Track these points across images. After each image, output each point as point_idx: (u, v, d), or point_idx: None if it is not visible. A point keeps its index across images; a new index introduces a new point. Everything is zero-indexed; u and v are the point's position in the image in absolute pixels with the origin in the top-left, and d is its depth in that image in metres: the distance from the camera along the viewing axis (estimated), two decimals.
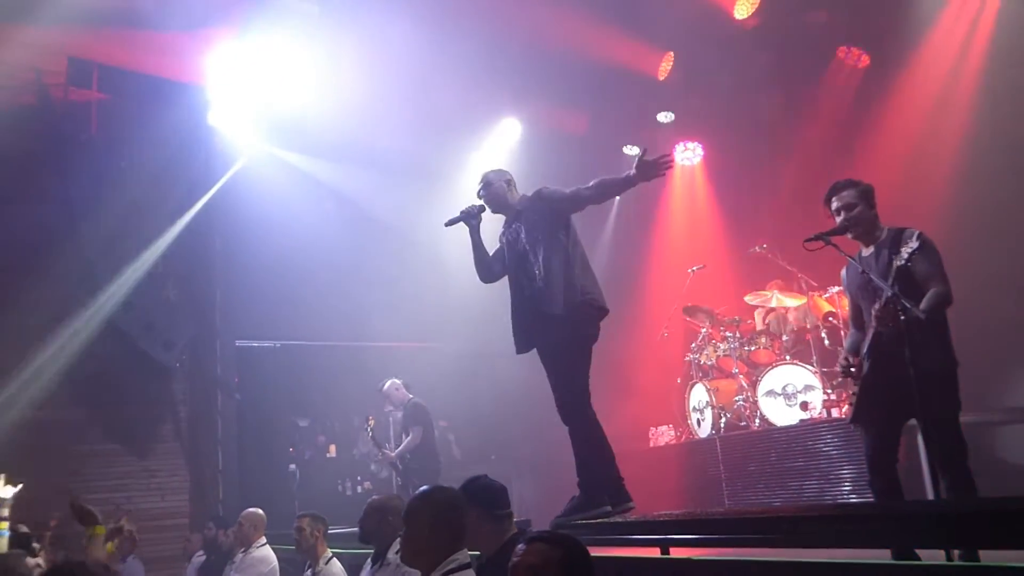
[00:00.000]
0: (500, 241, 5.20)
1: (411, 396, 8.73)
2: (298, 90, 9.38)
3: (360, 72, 9.27)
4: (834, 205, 4.51)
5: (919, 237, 3.94)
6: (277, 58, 9.20)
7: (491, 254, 5.23)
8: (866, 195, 4.45)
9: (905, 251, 3.93)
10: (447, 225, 5.18)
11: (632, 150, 11.64)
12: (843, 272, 4.68)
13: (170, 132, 9.31)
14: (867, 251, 4.47)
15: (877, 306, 4.04)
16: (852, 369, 4.36)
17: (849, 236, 4.50)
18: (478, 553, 3.50)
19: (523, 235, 4.92)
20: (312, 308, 10.36)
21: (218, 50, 9.15)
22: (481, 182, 5.19)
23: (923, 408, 3.90)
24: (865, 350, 4.24)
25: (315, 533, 5.47)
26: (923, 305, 4.00)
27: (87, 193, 9.03)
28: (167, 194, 9.57)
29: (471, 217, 5.12)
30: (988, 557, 2.98)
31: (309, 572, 5.41)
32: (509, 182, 5.17)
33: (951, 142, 7.99)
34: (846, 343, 4.70)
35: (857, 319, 4.60)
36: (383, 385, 8.79)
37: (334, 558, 5.41)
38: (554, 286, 4.63)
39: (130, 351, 9.22)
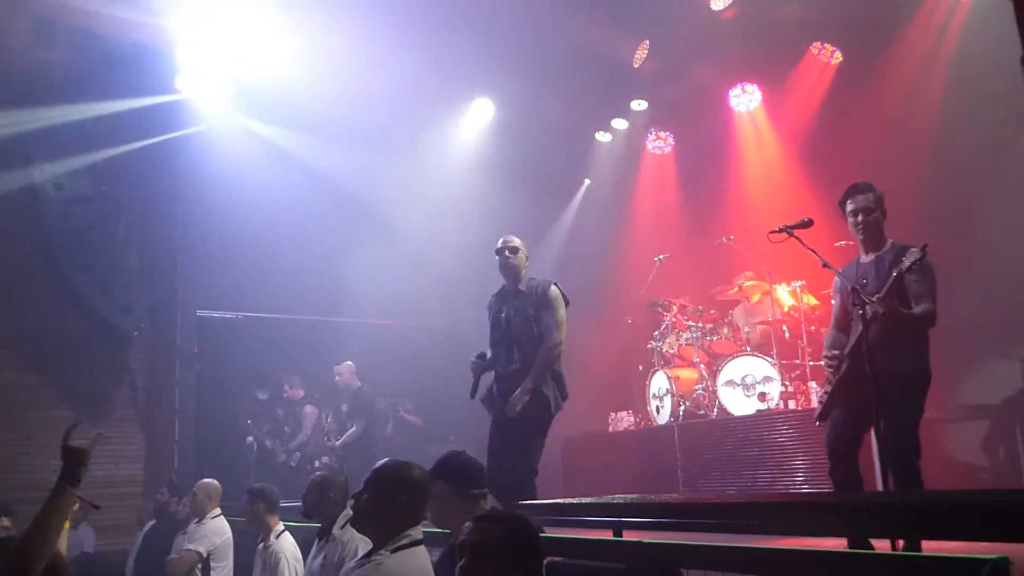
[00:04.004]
0: (488, 307, 5.70)
1: (359, 383, 9.11)
2: (270, 60, 9.23)
3: (334, 45, 9.15)
4: (850, 207, 4.56)
5: (923, 250, 4.04)
6: (250, 27, 9.04)
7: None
8: (881, 201, 4.52)
9: (907, 260, 4.04)
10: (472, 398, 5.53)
11: (605, 137, 11.69)
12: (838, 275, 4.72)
13: (136, 97, 9.14)
14: (866, 258, 4.56)
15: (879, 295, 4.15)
16: (836, 365, 4.46)
17: (859, 238, 4.59)
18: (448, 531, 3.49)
19: (512, 319, 5.41)
20: (276, 281, 10.27)
21: (189, 14, 8.97)
22: (509, 245, 5.50)
23: (887, 406, 4.05)
24: (848, 351, 4.39)
25: (264, 508, 5.44)
26: (914, 310, 4.19)
27: (48, 154, 8.84)
28: (130, 158, 9.40)
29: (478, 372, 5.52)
30: (928, 548, 3.06)
31: (261, 546, 5.38)
32: (519, 252, 5.52)
33: (918, 141, 8.09)
34: (827, 341, 4.77)
35: (841, 321, 4.70)
36: (342, 364, 9.19)
37: (286, 531, 5.38)
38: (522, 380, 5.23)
39: (87, 316, 9.09)
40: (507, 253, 5.50)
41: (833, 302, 4.88)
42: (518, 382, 5.26)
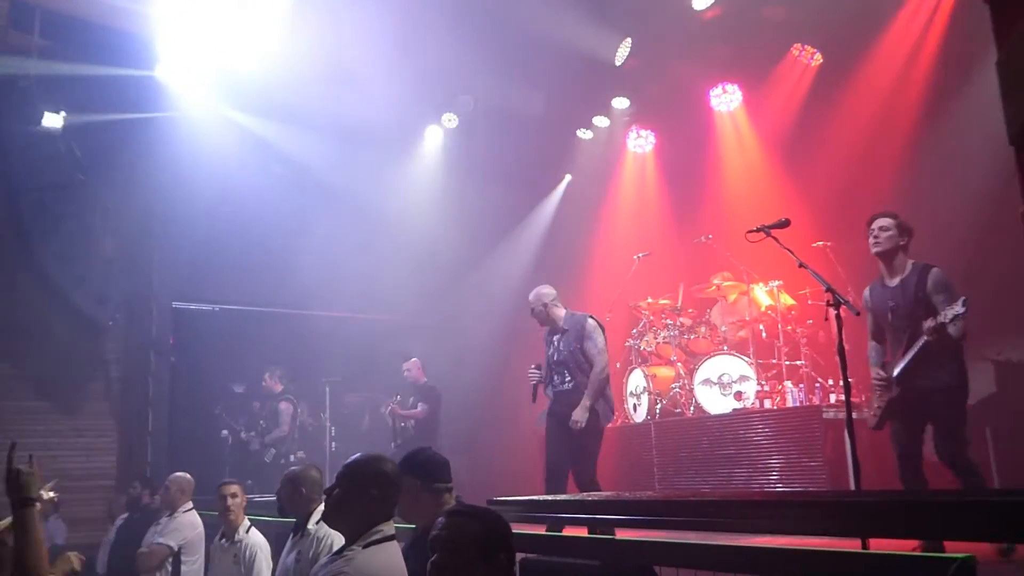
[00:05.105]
0: (545, 339, 6.72)
1: (426, 379, 9.24)
2: (252, 50, 9.14)
3: (316, 37, 9.09)
4: (872, 225, 5.04)
5: (964, 303, 4.51)
6: (231, 16, 8.96)
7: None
8: (901, 227, 4.98)
9: (950, 312, 4.53)
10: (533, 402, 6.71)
11: (586, 134, 11.71)
12: (866, 292, 5.25)
13: (114, 84, 9.02)
14: (891, 281, 5.01)
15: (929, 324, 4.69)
16: (886, 385, 5.02)
17: (874, 251, 5.05)
18: (414, 525, 3.50)
19: (561, 347, 6.46)
20: (253, 273, 10.20)
21: (170, 1, 8.86)
22: (530, 307, 6.64)
23: (938, 411, 4.81)
24: (896, 373, 4.93)
25: (242, 502, 5.43)
26: (954, 333, 4.70)
27: (22, 141, 8.72)
28: (107, 147, 9.29)
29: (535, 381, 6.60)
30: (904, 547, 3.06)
31: (224, 541, 5.35)
32: (546, 305, 6.55)
33: (897, 142, 8.16)
34: (872, 357, 5.27)
35: (877, 334, 5.23)
36: (407, 361, 9.25)
37: (253, 527, 5.37)
38: (577, 398, 6.27)
39: (62, 306, 8.97)
40: (532, 312, 6.64)
41: (868, 317, 5.28)
42: (570, 399, 6.29)
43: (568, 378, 6.42)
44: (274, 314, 10.78)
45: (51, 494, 4.52)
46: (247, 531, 5.29)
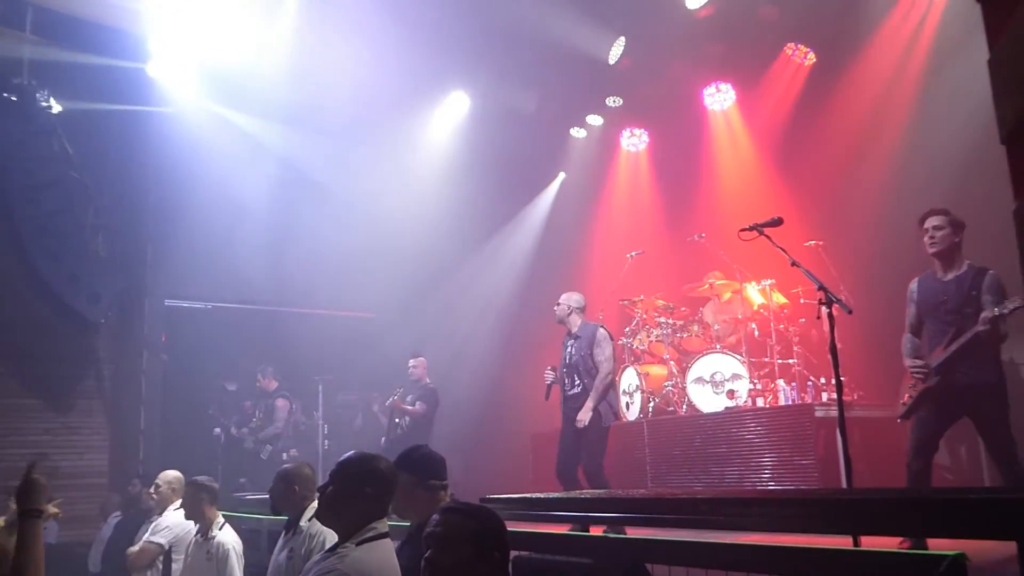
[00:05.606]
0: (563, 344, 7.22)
1: (429, 380, 9.22)
2: (245, 48, 9.14)
3: (309, 34, 9.09)
4: (926, 224, 5.10)
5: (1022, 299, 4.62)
6: (223, 15, 8.94)
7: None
8: (954, 223, 5.04)
9: (1010, 304, 4.67)
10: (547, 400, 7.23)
11: (579, 132, 11.72)
12: (913, 285, 5.30)
13: (106, 77, 9.00)
14: (945, 276, 5.08)
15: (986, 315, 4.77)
16: (924, 374, 5.10)
17: (930, 251, 5.11)
18: (409, 523, 3.50)
19: (572, 352, 6.98)
20: (246, 271, 10.17)
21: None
22: (557, 303, 7.12)
23: (982, 413, 4.91)
24: (938, 364, 4.99)
25: (204, 498, 5.41)
26: (1002, 330, 4.83)
27: (15, 139, 8.69)
28: (100, 145, 9.26)
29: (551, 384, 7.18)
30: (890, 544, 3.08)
31: (199, 537, 5.37)
32: (572, 309, 7.04)
33: (890, 141, 8.18)
34: (907, 348, 5.33)
35: (916, 327, 5.32)
36: (414, 358, 9.22)
37: (227, 523, 5.37)
38: (583, 400, 6.77)
39: (54, 304, 8.95)
40: (556, 308, 7.11)
41: (909, 309, 5.34)
42: (577, 402, 6.83)
43: (577, 382, 6.94)
44: (267, 312, 10.76)
45: (55, 510, 4.57)
46: (220, 528, 5.29)
